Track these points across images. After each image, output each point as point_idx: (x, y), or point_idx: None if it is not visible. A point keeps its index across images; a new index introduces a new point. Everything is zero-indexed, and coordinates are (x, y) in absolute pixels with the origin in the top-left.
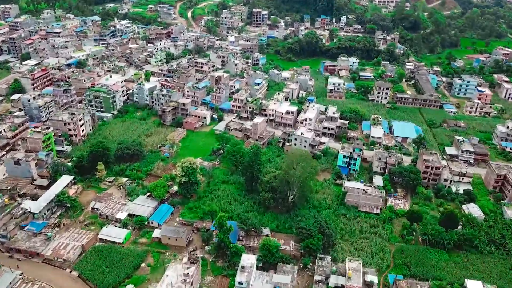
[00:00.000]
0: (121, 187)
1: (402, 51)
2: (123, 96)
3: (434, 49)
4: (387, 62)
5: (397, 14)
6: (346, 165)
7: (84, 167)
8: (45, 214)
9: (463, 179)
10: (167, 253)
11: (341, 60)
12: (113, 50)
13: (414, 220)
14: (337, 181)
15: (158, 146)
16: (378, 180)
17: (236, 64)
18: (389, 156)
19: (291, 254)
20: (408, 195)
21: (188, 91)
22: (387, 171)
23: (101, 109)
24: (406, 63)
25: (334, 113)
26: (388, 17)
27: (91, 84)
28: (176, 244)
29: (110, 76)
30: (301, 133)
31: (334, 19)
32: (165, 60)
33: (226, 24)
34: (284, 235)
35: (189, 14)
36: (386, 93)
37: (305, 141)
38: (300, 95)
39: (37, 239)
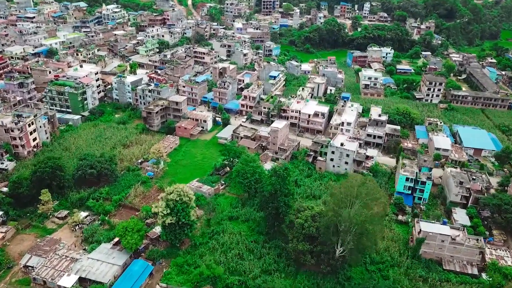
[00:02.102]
0: (77, 227)
1: (439, 42)
2: (99, 93)
3: (472, 40)
4: (429, 53)
5: (430, 0)
6: (410, 192)
7: (23, 195)
8: None
9: None
10: None
11: (372, 51)
12: (93, 37)
13: None
14: (400, 217)
15: (139, 161)
16: (460, 216)
17: (245, 55)
18: (473, 179)
19: None
20: (509, 240)
21: (183, 86)
22: (471, 201)
23: (68, 109)
24: (451, 55)
25: (380, 115)
26: (420, 4)
27: (55, 77)
28: None
29: (81, 66)
30: (342, 144)
31: (355, 6)
32: (157, 50)
33: (231, 12)
34: None
35: (189, 1)
36: (439, 90)
37: (347, 155)
38: (328, 91)
39: None
